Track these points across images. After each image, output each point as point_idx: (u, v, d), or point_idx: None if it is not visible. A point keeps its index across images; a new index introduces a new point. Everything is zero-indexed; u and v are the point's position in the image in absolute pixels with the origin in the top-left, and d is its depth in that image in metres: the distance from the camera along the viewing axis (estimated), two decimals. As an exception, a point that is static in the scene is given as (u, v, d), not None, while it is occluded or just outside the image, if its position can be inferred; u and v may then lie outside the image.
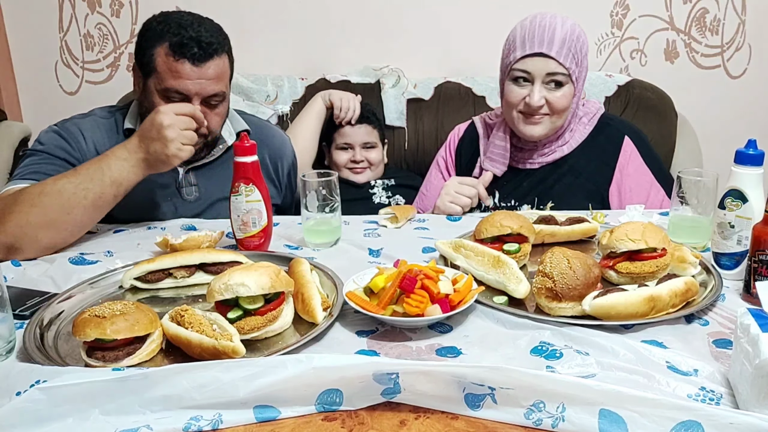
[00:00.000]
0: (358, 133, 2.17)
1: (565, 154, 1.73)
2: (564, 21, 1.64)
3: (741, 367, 0.82)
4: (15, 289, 1.17)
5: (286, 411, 0.83)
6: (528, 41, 1.62)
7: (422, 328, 1.03)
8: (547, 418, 0.80)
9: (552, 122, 1.67)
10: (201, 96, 1.54)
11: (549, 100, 1.63)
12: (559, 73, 1.61)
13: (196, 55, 1.51)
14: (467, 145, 1.87)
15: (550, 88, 1.63)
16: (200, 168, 1.69)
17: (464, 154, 1.87)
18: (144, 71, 1.57)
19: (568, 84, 1.63)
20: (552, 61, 1.60)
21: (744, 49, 2.50)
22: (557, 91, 1.63)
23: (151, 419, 0.81)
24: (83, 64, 2.49)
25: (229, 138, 1.72)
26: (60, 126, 1.61)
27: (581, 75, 1.67)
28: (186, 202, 1.68)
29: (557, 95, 1.63)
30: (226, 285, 0.99)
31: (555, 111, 1.65)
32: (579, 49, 1.63)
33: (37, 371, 0.86)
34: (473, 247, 1.22)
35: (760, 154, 1.17)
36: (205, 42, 1.52)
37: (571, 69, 1.62)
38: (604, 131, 1.75)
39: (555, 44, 1.60)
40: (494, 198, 1.75)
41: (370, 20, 2.42)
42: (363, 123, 2.17)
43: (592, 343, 0.96)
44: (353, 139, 2.17)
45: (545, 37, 1.60)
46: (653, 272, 1.15)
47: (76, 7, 2.42)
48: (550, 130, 1.68)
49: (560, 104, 1.64)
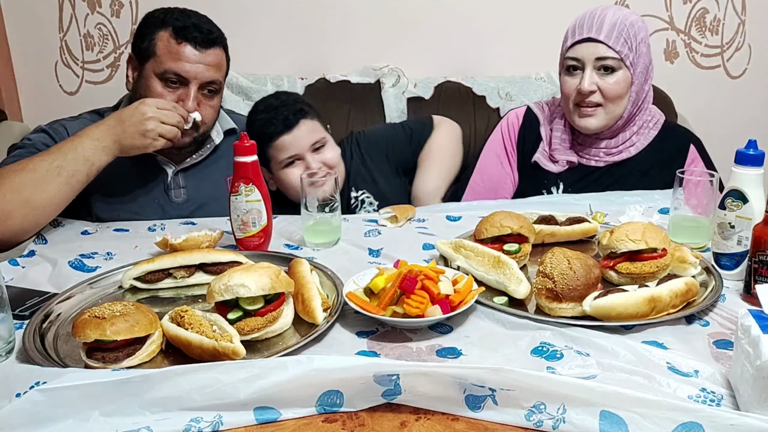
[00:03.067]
0: (300, 135, 1.68)
1: (631, 155, 1.73)
2: (618, 9, 1.65)
3: (742, 369, 0.82)
4: (14, 289, 1.17)
5: (287, 412, 0.83)
6: (578, 29, 1.65)
7: (422, 329, 1.03)
8: (548, 419, 0.80)
9: (607, 113, 1.66)
10: (199, 81, 1.56)
11: (601, 87, 1.63)
12: (610, 58, 1.61)
13: (198, 39, 1.55)
14: (529, 131, 1.84)
15: (602, 74, 1.63)
16: (189, 169, 1.69)
17: (527, 140, 1.84)
18: (141, 57, 1.59)
19: (622, 69, 1.63)
20: (601, 45, 1.61)
21: (744, 49, 2.50)
22: (610, 77, 1.63)
23: (151, 421, 0.81)
24: (83, 64, 2.49)
25: (216, 137, 1.73)
26: (49, 126, 1.64)
27: (638, 61, 1.64)
28: (174, 204, 1.67)
29: (610, 81, 1.63)
30: (226, 286, 0.99)
31: (608, 98, 1.64)
32: (632, 35, 1.62)
33: (37, 372, 0.86)
34: (473, 248, 1.22)
35: (761, 155, 1.17)
36: (206, 29, 1.58)
37: (623, 53, 1.61)
38: (671, 137, 1.76)
39: (604, 29, 1.61)
40: (558, 189, 1.76)
41: (370, 20, 2.42)
42: (299, 119, 1.68)
43: (592, 344, 0.96)
44: (297, 146, 1.68)
45: (594, 23, 1.62)
46: (653, 273, 1.15)
47: (76, 7, 2.42)
48: (607, 120, 1.68)
49: (613, 91, 1.63)
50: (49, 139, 1.58)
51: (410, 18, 2.41)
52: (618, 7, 1.67)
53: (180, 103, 1.56)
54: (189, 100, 1.56)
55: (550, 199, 1.70)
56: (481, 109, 2.23)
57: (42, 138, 1.59)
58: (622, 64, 1.63)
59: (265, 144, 1.68)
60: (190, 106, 1.56)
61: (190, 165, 1.69)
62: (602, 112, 1.67)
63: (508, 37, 2.43)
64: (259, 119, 1.72)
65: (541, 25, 2.39)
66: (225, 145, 1.73)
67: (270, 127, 1.68)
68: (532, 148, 1.82)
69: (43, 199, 1.39)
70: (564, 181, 1.76)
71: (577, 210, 1.51)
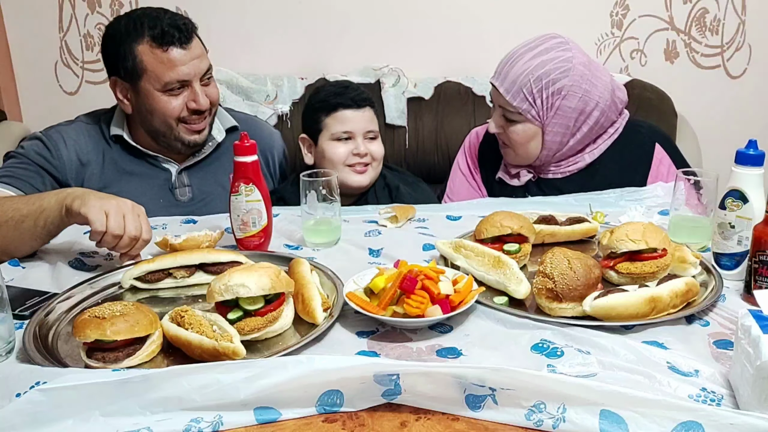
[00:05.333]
0: (362, 118, 1.72)
1: (588, 163, 1.69)
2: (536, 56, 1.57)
3: (742, 369, 0.82)
4: (15, 289, 1.17)
5: (287, 412, 0.83)
6: (495, 69, 1.63)
7: (422, 329, 1.03)
8: (548, 418, 0.80)
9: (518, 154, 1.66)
10: (198, 76, 1.57)
11: (507, 131, 1.63)
12: (508, 110, 1.60)
13: (180, 39, 1.54)
14: (487, 148, 1.82)
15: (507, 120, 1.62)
16: (192, 167, 1.70)
17: (488, 157, 1.82)
18: (130, 78, 1.56)
19: (525, 123, 1.60)
20: (501, 94, 1.60)
21: (744, 49, 2.50)
22: (513, 125, 1.62)
23: (151, 421, 0.81)
24: (83, 64, 2.49)
25: (218, 135, 1.73)
26: (44, 133, 1.63)
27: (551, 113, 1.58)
28: (179, 203, 1.68)
29: (513, 129, 1.63)
30: (226, 286, 0.99)
31: (514, 144, 1.64)
32: (541, 88, 1.55)
33: (37, 372, 0.86)
34: (473, 248, 1.22)
35: (761, 155, 1.17)
36: (181, 24, 1.56)
37: (522, 107, 1.57)
38: (634, 138, 1.71)
39: (507, 79, 1.59)
40: None
41: (370, 20, 2.42)
42: (366, 106, 1.75)
43: (592, 344, 0.96)
44: (355, 125, 1.71)
45: (503, 70, 1.61)
46: (654, 273, 1.15)
47: (76, 7, 2.42)
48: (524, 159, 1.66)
49: (517, 138, 1.63)
50: (42, 147, 1.58)
51: (410, 18, 2.41)
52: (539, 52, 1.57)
53: (192, 103, 1.58)
54: (200, 97, 1.57)
55: (550, 200, 1.70)
56: (481, 109, 2.23)
57: (35, 146, 1.58)
58: (524, 118, 1.60)
59: (324, 112, 1.73)
60: (201, 101, 1.57)
61: (193, 163, 1.69)
62: (512, 153, 1.67)
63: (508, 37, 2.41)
64: (328, 89, 1.79)
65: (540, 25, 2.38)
66: (227, 142, 1.74)
67: (338, 98, 1.73)
68: (494, 165, 1.80)
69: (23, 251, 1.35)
70: (530, 193, 1.74)
71: (578, 210, 1.51)
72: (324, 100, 1.75)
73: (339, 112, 1.73)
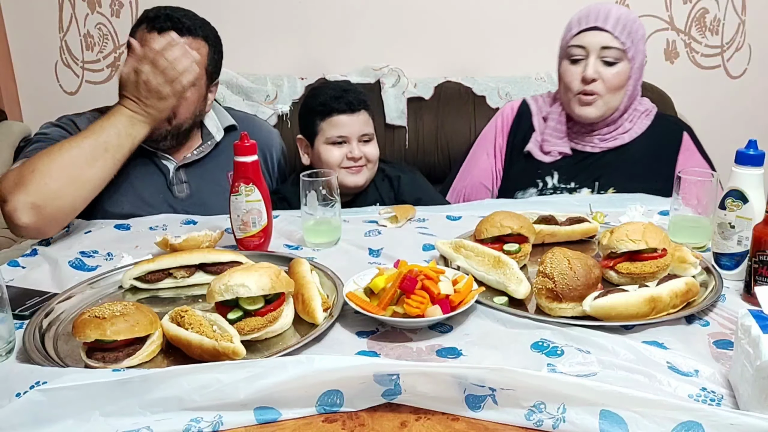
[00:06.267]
0: (356, 122, 1.76)
1: (626, 142, 1.77)
2: (621, 7, 1.72)
3: (742, 369, 0.81)
4: (15, 289, 1.17)
5: (287, 412, 0.83)
6: (584, 18, 1.69)
7: (422, 329, 1.03)
8: (548, 418, 0.80)
9: (605, 103, 1.71)
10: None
11: (603, 77, 1.67)
12: (614, 48, 1.66)
13: (164, 27, 1.55)
14: (522, 123, 1.87)
15: (605, 63, 1.67)
16: (190, 165, 1.70)
17: (518, 133, 1.87)
18: None
19: (623, 62, 1.68)
20: (607, 34, 1.66)
21: (744, 49, 2.50)
22: (612, 68, 1.67)
23: (151, 421, 0.81)
24: (83, 64, 2.49)
25: (217, 133, 1.74)
26: (58, 121, 1.64)
27: (637, 56, 1.70)
28: (177, 200, 1.68)
29: (612, 72, 1.68)
30: (227, 286, 0.99)
31: (609, 88, 1.68)
32: (634, 30, 1.68)
33: (37, 372, 0.86)
34: (473, 248, 1.22)
35: (761, 155, 1.17)
36: (175, 18, 1.57)
37: (627, 45, 1.66)
38: (663, 125, 1.81)
39: (610, 20, 1.66)
40: (553, 179, 1.78)
41: (370, 20, 2.42)
42: (361, 109, 1.77)
43: (592, 344, 0.96)
44: (350, 129, 1.74)
45: (600, 14, 1.68)
46: (654, 273, 1.15)
47: (76, 7, 2.42)
48: (604, 111, 1.72)
49: (614, 81, 1.68)
50: (64, 132, 1.59)
51: (410, 18, 2.42)
52: (620, 6, 1.72)
53: None
54: None
55: (550, 199, 1.71)
56: (481, 109, 2.23)
57: (58, 132, 1.60)
58: (623, 57, 1.67)
59: (320, 117, 1.75)
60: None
61: (192, 161, 1.70)
62: (601, 102, 1.71)
63: (508, 37, 2.43)
64: (324, 92, 1.79)
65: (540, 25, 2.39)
66: (225, 141, 1.74)
67: (334, 102, 1.74)
68: (523, 140, 1.85)
69: (92, 174, 1.43)
70: (558, 170, 1.79)
71: (578, 210, 1.51)
72: (319, 104, 1.76)
73: (334, 117, 1.74)
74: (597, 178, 1.76)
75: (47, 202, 1.37)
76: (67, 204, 1.39)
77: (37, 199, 1.36)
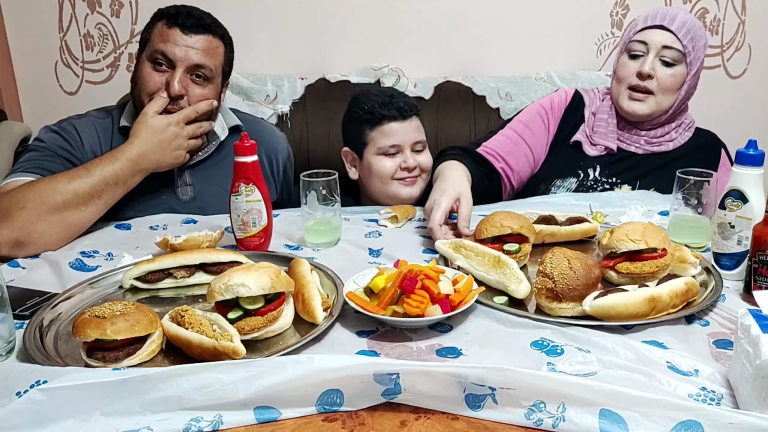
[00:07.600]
0: (409, 129, 1.65)
1: (669, 149, 1.78)
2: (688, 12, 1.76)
3: (741, 368, 0.82)
4: (15, 289, 1.17)
5: (287, 412, 0.83)
6: (651, 17, 1.71)
7: (423, 329, 1.03)
8: (548, 418, 0.80)
9: (657, 102, 1.71)
10: (185, 63, 1.57)
11: (658, 75, 1.68)
12: (674, 49, 1.67)
13: (187, 24, 1.57)
14: (573, 111, 1.87)
15: (663, 63, 1.69)
16: (194, 167, 1.69)
17: (570, 119, 1.87)
18: (141, 48, 1.62)
19: (681, 65, 1.69)
20: (670, 34, 1.67)
21: (744, 49, 2.50)
22: (669, 68, 1.69)
23: (151, 420, 0.81)
24: (83, 64, 2.49)
25: (222, 133, 1.72)
26: (58, 126, 1.62)
27: (695, 63, 1.71)
28: (181, 202, 1.68)
29: (668, 72, 1.69)
30: (227, 285, 0.99)
31: (662, 88, 1.69)
32: (698, 37, 1.69)
33: (38, 372, 0.86)
34: (473, 248, 1.22)
35: (761, 155, 1.17)
36: (197, 15, 1.59)
37: (687, 48, 1.67)
38: (705, 139, 1.83)
39: (676, 21, 1.68)
40: (595, 172, 1.79)
41: (370, 20, 2.42)
42: (413, 115, 1.67)
43: (592, 343, 0.96)
44: (403, 138, 1.64)
45: (668, 15, 1.69)
46: (654, 272, 1.15)
47: (76, 7, 2.42)
48: (654, 110, 1.72)
49: (668, 82, 1.69)
50: (62, 140, 1.58)
51: (410, 18, 2.41)
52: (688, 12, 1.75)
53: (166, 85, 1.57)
54: (174, 81, 1.55)
55: (550, 200, 1.71)
56: (481, 109, 2.24)
57: (55, 139, 1.58)
58: (682, 59, 1.68)
59: (370, 126, 1.66)
60: (175, 87, 1.55)
61: (196, 162, 1.69)
62: (652, 101, 1.71)
63: (508, 37, 2.43)
64: (373, 100, 1.68)
65: (540, 26, 2.40)
66: (229, 142, 1.72)
67: (384, 109, 1.65)
68: (573, 129, 1.85)
69: (80, 218, 1.44)
70: (600, 164, 1.79)
71: (578, 210, 1.51)
72: (369, 112, 1.66)
73: (385, 125, 1.64)
74: (639, 177, 1.77)
75: (31, 240, 1.37)
76: (50, 242, 1.40)
77: (21, 236, 1.36)
